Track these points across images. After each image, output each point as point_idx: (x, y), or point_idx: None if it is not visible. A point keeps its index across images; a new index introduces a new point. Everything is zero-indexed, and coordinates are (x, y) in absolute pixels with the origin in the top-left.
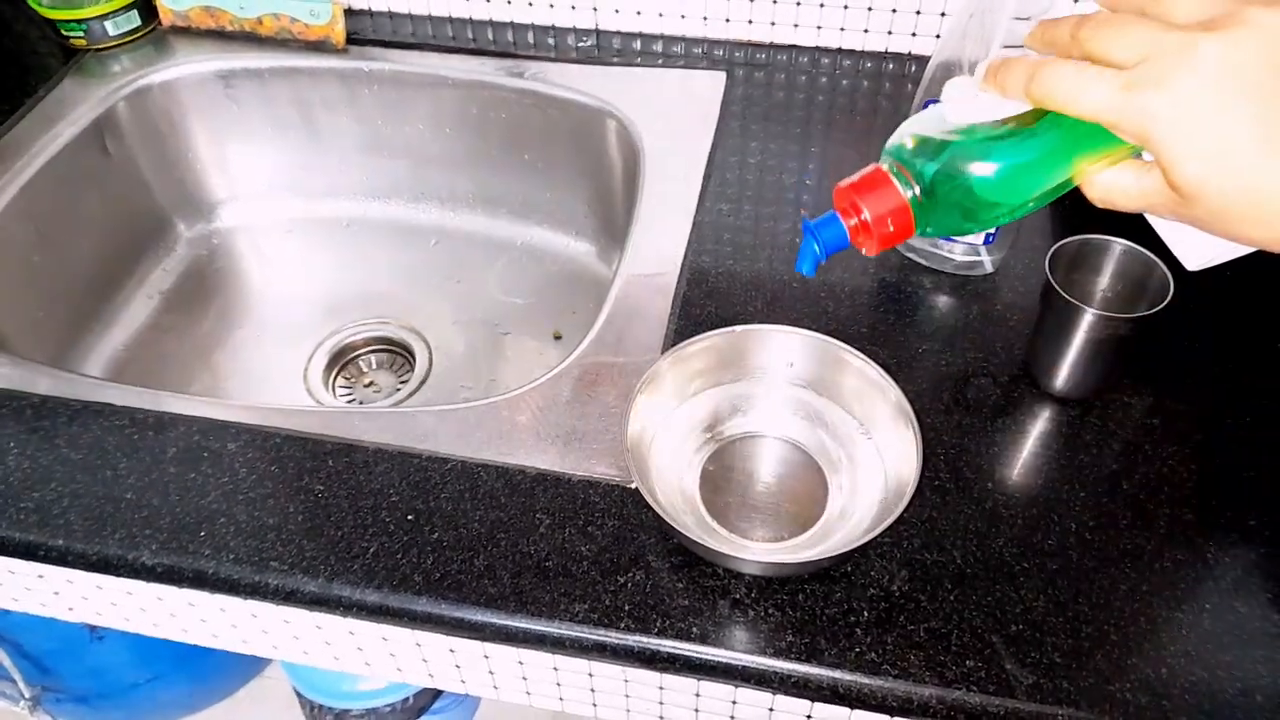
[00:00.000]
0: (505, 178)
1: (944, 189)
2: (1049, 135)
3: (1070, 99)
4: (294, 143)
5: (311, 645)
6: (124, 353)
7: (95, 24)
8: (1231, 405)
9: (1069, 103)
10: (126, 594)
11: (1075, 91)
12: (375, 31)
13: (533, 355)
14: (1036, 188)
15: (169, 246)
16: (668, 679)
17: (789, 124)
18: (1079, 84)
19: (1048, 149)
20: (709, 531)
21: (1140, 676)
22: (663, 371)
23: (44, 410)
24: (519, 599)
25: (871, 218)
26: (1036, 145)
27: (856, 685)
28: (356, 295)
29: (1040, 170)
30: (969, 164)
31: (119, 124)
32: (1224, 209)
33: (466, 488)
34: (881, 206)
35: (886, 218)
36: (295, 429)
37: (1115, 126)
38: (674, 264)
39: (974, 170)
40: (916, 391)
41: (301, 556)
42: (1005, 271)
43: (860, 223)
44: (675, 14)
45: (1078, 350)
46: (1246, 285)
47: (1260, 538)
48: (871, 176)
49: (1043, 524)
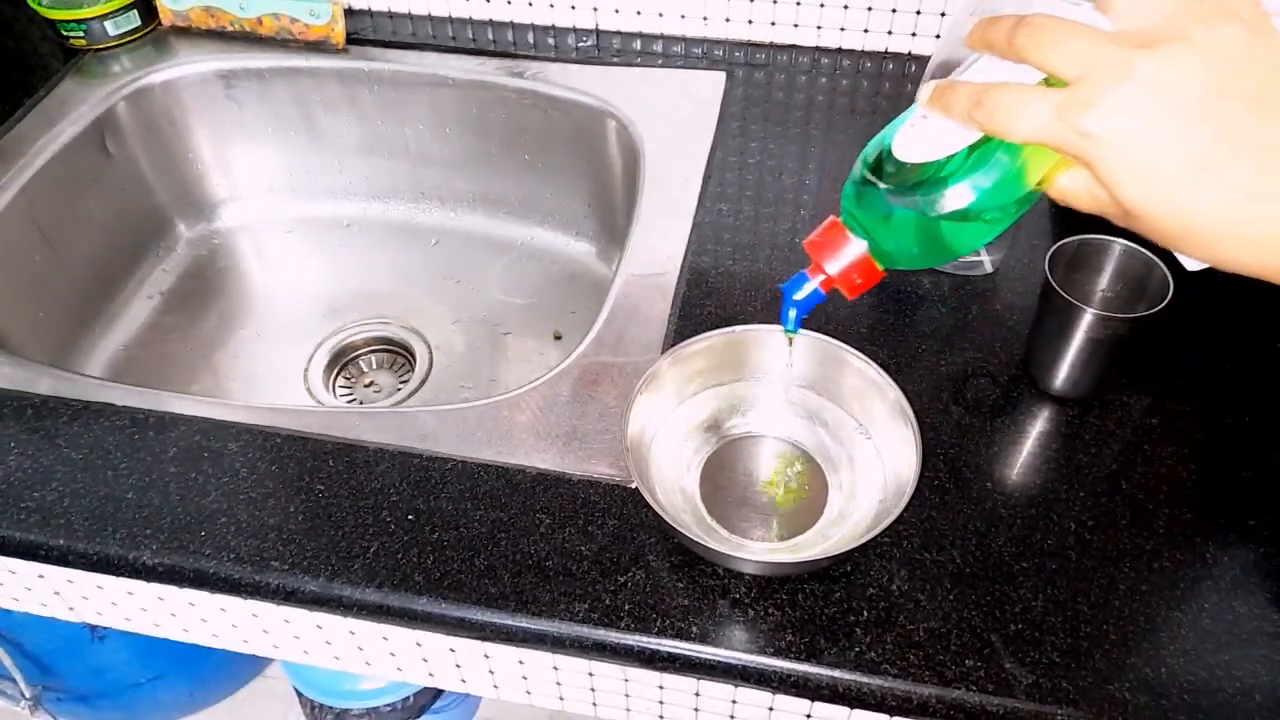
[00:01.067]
0: (505, 178)
1: (906, 229)
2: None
3: (1009, 125)
4: (294, 143)
5: (312, 645)
6: (124, 353)
7: (95, 24)
8: (1231, 405)
9: (1008, 130)
10: (127, 594)
11: (1013, 118)
12: (375, 31)
13: (533, 355)
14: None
15: (170, 246)
16: (668, 678)
17: (789, 124)
18: (1017, 109)
19: (1001, 170)
20: (709, 531)
21: (1139, 676)
22: (663, 371)
23: (45, 410)
24: (519, 598)
25: (836, 274)
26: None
27: (856, 685)
28: (357, 295)
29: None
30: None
31: (119, 124)
32: (1161, 228)
33: (467, 488)
34: (842, 261)
35: (851, 272)
36: (296, 429)
37: (1056, 149)
38: (674, 264)
39: (933, 208)
40: (916, 391)
41: (302, 556)
42: (1005, 271)
43: (827, 278)
44: (675, 14)
45: (1077, 350)
46: (1246, 285)
47: (1259, 538)
48: (828, 231)
49: (1042, 524)
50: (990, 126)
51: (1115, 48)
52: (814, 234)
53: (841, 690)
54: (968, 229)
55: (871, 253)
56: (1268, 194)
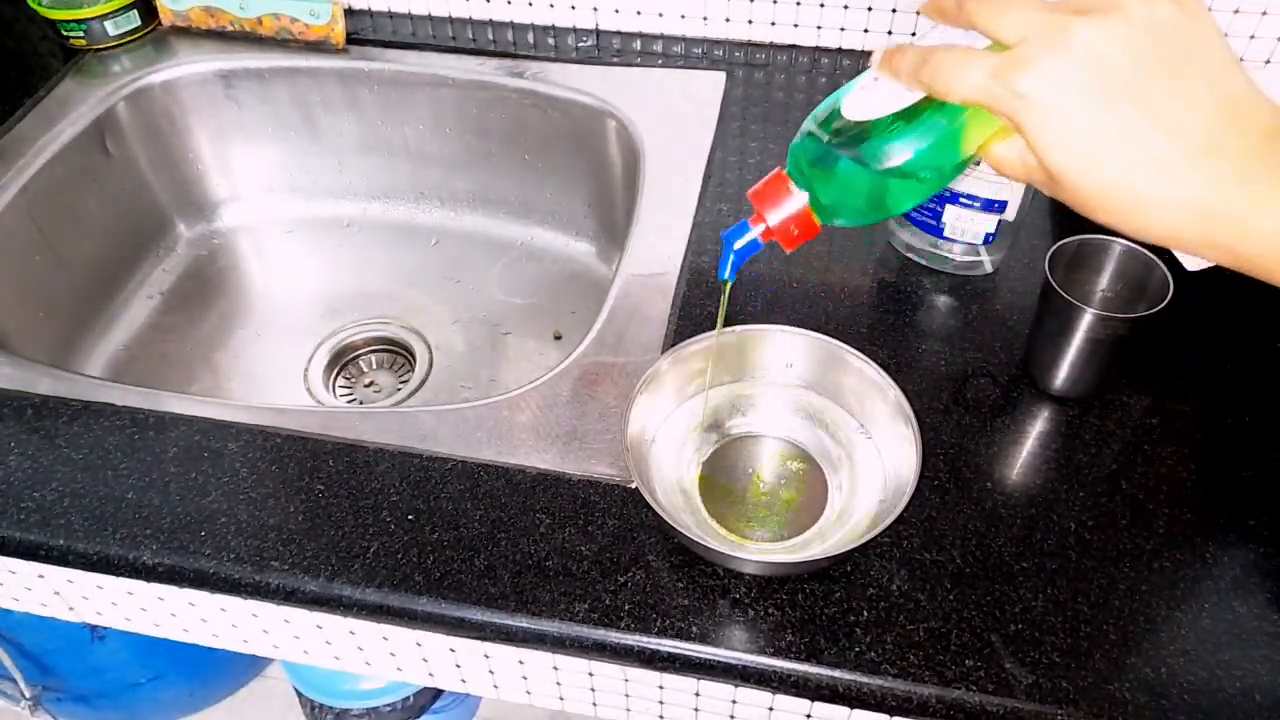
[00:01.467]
0: (505, 178)
1: (847, 183)
2: (939, 118)
3: (948, 85)
4: (294, 143)
5: (312, 645)
6: (124, 353)
7: (95, 24)
8: (1231, 405)
9: (948, 89)
10: (127, 594)
11: (953, 77)
12: (375, 31)
13: (533, 355)
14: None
15: (169, 246)
16: (668, 678)
17: (789, 124)
18: (958, 69)
19: (940, 132)
20: (709, 531)
21: (1139, 676)
22: (663, 371)
23: (45, 410)
24: (519, 598)
25: (775, 224)
26: (928, 129)
27: (856, 684)
28: (357, 295)
29: (935, 151)
30: (869, 156)
31: (119, 124)
32: (1083, 196)
33: (467, 488)
34: (783, 212)
35: (789, 223)
36: (296, 429)
37: (990, 109)
38: (674, 264)
39: (875, 162)
40: (916, 391)
41: (302, 556)
42: (1005, 271)
43: (767, 229)
44: (675, 14)
45: (1077, 350)
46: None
47: (1259, 538)
48: (772, 182)
49: (1042, 524)
50: (933, 86)
51: (1054, 14)
52: (759, 184)
53: (841, 690)
54: (904, 186)
55: (811, 206)
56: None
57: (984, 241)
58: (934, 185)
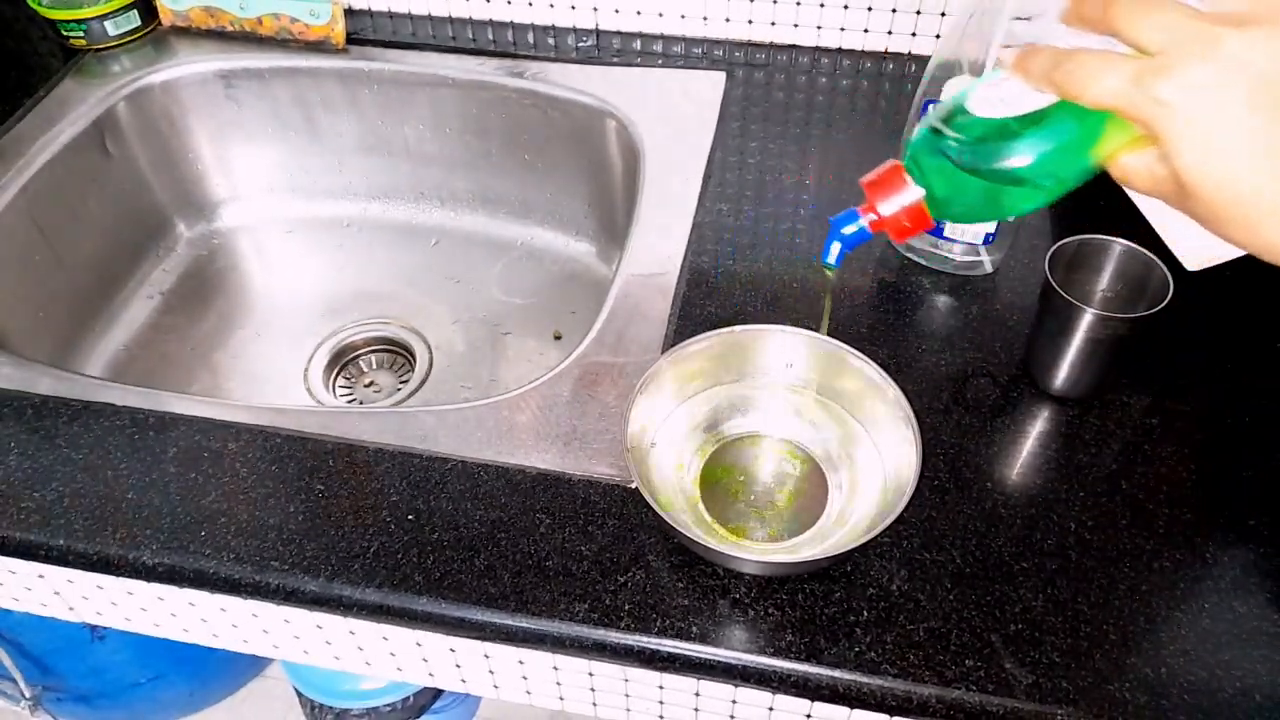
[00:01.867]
0: (505, 178)
1: (965, 181)
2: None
3: (1083, 88)
4: (294, 143)
5: (312, 645)
6: (125, 353)
7: (95, 24)
8: (1231, 405)
9: (1082, 91)
10: (127, 594)
11: (1089, 80)
12: (375, 31)
13: (533, 355)
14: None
15: (169, 246)
16: (668, 678)
17: (789, 124)
18: (1095, 73)
19: (1068, 137)
20: (709, 532)
21: (1139, 676)
22: (663, 371)
23: (45, 410)
24: (519, 598)
25: (887, 215)
26: (1057, 133)
27: (856, 684)
28: (357, 295)
29: (1062, 156)
30: (991, 156)
31: (119, 124)
32: (1215, 208)
33: (466, 488)
34: (897, 204)
35: (902, 215)
36: (296, 429)
37: (1125, 114)
38: (674, 264)
39: (997, 162)
40: (916, 391)
41: (302, 556)
42: (1005, 271)
43: (879, 219)
44: (675, 14)
45: (1077, 350)
46: (1246, 285)
47: (1259, 538)
48: (888, 173)
49: (1042, 524)
50: (1066, 88)
51: (1201, 23)
52: (872, 174)
53: (841, 690)
54: (1022, 192)
55: (925, 200)
56: None
57: (984, 241)
58: (1054, 190)
